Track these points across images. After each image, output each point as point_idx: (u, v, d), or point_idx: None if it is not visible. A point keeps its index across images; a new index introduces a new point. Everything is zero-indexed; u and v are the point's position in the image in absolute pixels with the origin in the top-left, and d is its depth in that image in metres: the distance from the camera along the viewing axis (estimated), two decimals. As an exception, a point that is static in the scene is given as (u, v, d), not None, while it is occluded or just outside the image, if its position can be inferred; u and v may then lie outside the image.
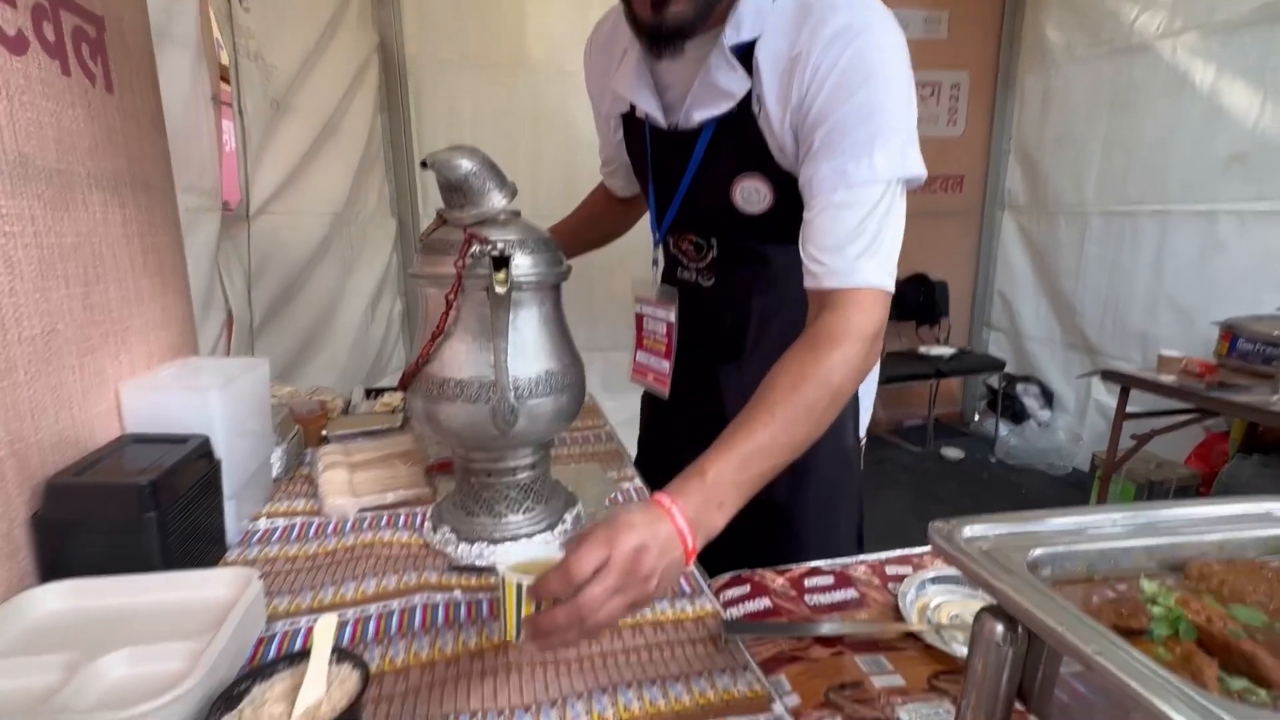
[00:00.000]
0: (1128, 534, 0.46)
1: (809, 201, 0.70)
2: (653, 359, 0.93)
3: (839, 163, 0.66)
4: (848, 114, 0.65)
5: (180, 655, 0.54)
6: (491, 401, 0.75)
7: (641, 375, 0.97)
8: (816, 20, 0.65)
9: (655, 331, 0.92)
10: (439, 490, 0.97)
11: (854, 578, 0.76)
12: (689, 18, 0.67)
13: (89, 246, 0.74)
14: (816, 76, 0.66)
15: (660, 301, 0.91)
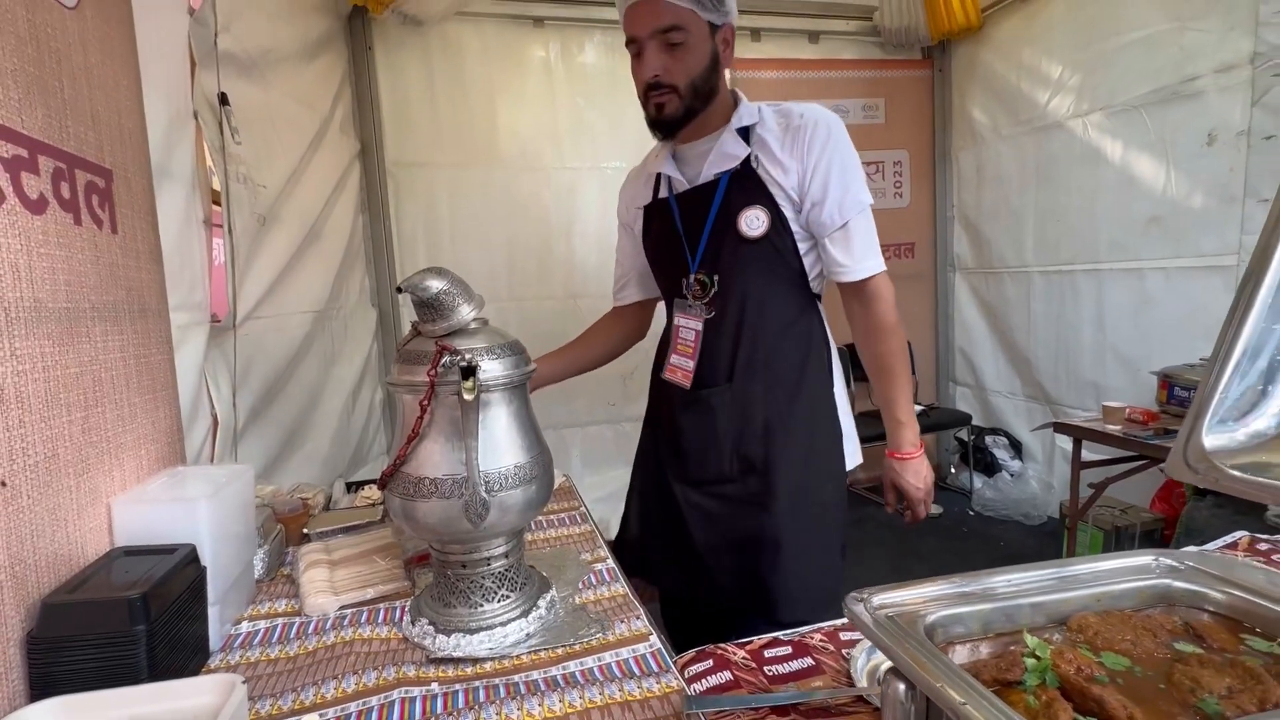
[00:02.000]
0: (1018, 593, 0.53)
1: (820, 228, 1.09)
2: (683, 359, 1.17)
3: (836, 196, 1.07)
4: (829, 169, 1.06)
5: (167, 766, 0.57)
6: (464, 496, 0.81)
7: (672, 374, 1.20)
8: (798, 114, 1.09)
9: (686, 339, 1.17)
10: (418, 583, 1.00)
11: (811, 646, 0.80)
12: (678, 114, 1.09)
13: (90, 374, 0.80)
14: (811, 146, 1.06)
15: (695, 315, 1.16)
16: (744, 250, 1.10)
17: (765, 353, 1.13)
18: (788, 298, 1.14)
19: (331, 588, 0.97)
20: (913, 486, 1.17)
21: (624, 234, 1.33)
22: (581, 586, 1.00)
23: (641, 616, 0.90)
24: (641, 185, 1.25)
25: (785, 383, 1.13)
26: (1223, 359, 0.55)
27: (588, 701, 0.71)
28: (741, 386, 1.13)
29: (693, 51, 1.04)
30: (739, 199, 1.09)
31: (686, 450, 1.18)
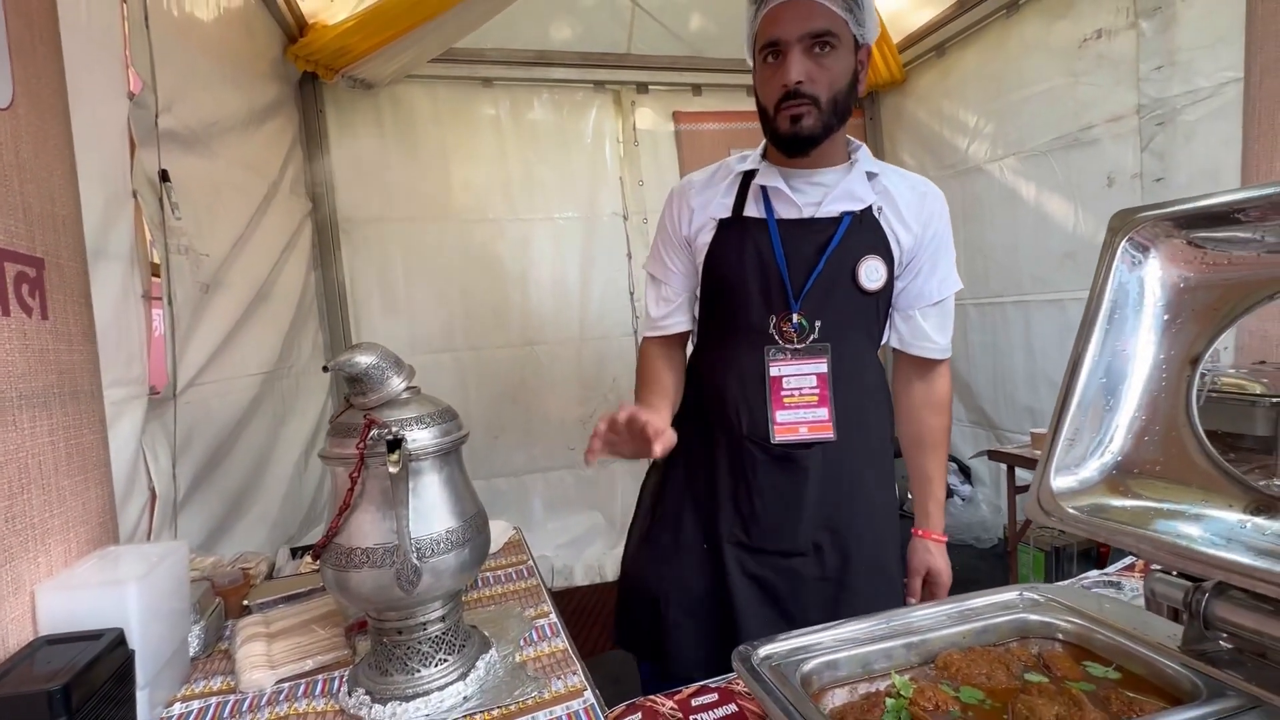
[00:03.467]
0: (890, 635, 0.58)
1: (917, 299, 1.08)
2: (802, 412, 1.02)
3: (943, 272, 1.07)
4: (942, 243, 1.07)
5: None
6: (395, 564, 0.83)
7: (789, 432, 1.03)
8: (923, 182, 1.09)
9: (801, 388, 1.03)
10: (358, 650, 1.01)
11: (736, 692, 0.83)
12: (816, 131, 0.99)
13: (15, 462, 0.81)
14: (934, 216, 1.06)
15: (805, 358, 1.03)
16: (855, 301, 1.02)
17: (861, 414, 1.05)
18: (875, 358, 1.09)
19: (269, 661, 0.97)
20: (948, 569, 1.14)
21: (673, 250, 1.12)
22: (523, 644, 1.01)
23: (578, 672, 0.92)
24: (719, 194, 1.08)
25: (875, 450, 1.07)
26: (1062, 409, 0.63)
27: (517, 763, 0.73)
28: (837, 449, 1.03)
29: (840, 63, 0.96)
30: (859, 245, 1.01)
31: (759, 514, 1.03)
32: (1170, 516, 0.55)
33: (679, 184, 1.14)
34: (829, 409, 1.02)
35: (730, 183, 1.08)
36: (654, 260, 1.15)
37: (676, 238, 1.11)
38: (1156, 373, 0.62)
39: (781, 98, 0.97)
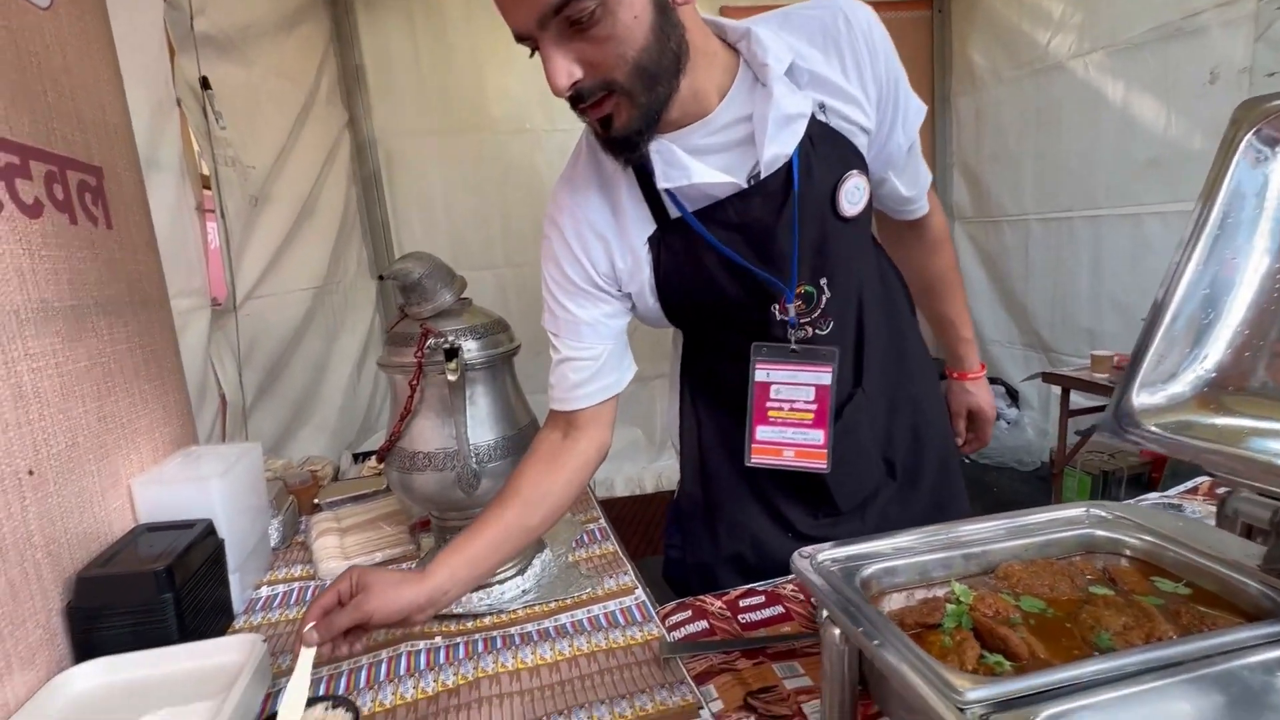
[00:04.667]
0: (955, 544, 0.58)
1: (888, 161, 0.83)
2: (791, 431, 0.82)
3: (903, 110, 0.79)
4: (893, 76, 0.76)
5: (202, 714, 0.64)
6: (456, 469, 0.87)
7: (771, 454, 0.83)
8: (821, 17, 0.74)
9: (794, 400, 0.81)
10: (421, 546, 1.08)
11: (783, 596, 0.87)
12: (634, 126, 0.67)
13: (100, 366, 0.86)
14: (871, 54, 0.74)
15: (805, 364, 0.80)
16: (848, 233, 0.80)
17: (887, 339, 0.91)
18: (877, 262, 0.92)
19: (342, 553, 1.05)
20: (990, 404, 1.09)
21: (584, 298, 0.79)
22: (574, 545, 1.06)
23: (629, 572, 0.96)
24: (622, 202, 0.77)
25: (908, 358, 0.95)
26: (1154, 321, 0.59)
27: (575, 649, 0.78)
28: (875, 386, 0.90)
29: (616, 21, 0.60)
30: (825, 172, 0.75)
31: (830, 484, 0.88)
32: (1267, 435, 0.52)
33: (552, 211, 0.80)
34: (826, 433, 0.81)
35: (624, 180, 0.77)
36: (552, 316, 0.80)
37: (587, 282, 0.79)
38: (1269, 284, 0.57)
39: (571, 103, 0.67)
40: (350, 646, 0.65)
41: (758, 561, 0.94)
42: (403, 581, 0.66)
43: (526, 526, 0.76)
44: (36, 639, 0.70)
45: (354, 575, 0.65)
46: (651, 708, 0.67)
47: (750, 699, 0.68)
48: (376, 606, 0.64)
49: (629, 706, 0.68)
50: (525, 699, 0.71)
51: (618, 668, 0.74)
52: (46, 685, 0.69)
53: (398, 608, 0.65)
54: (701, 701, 0.67)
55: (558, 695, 0.71)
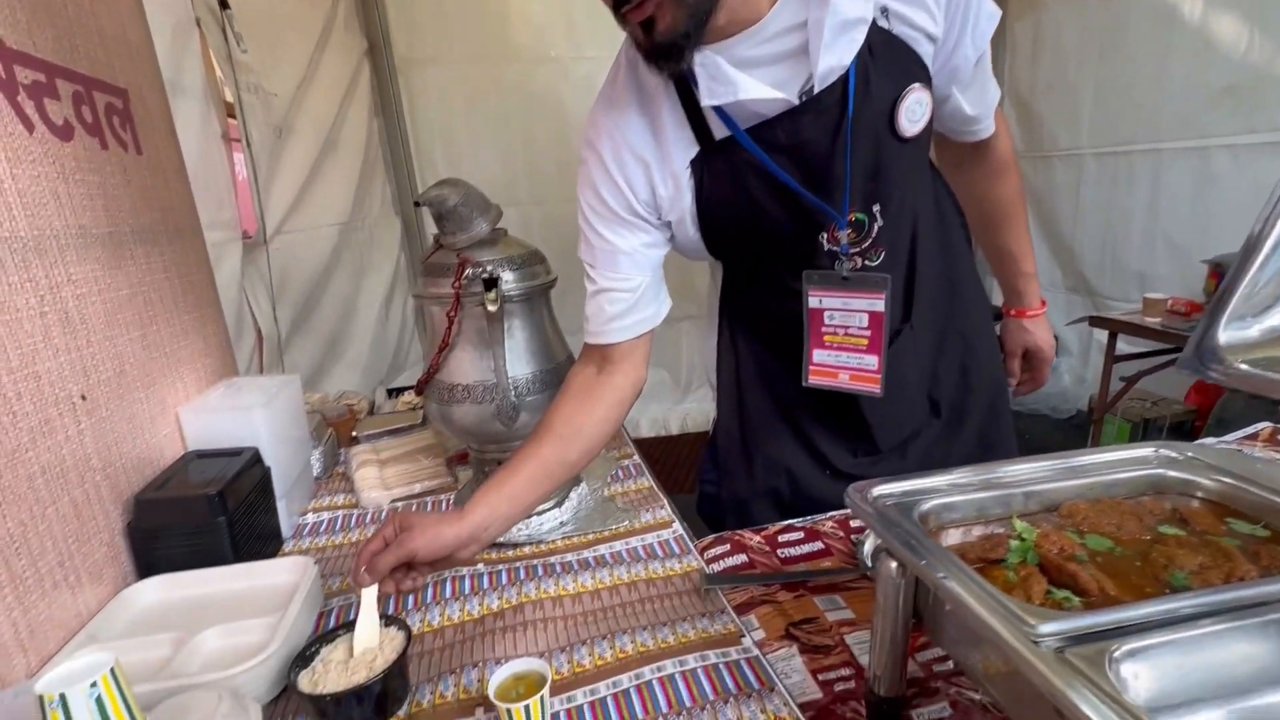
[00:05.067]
0: (1015, 483, 0.56)
1: (955, 75, 0.75)
2: (845, 355, 0.80)
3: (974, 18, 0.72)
4: None
5: (260, 629, 0.67)
6: (495, 401, 0.86)
7: (828, 376, 0.82)
8: None
9: (848, 325, 0.79)
10: (459, 479, 1.09)
11: (822, 532, 0.87)
12: (682, 29, 0.62)
13: (140, 295, 0.86)
14: None
15: (859, 290, 0.77)
16: (905, 156, 0.75)
17: (939, 272, 0.87)
18: (933, 188, 0.87)
19: (383, 483, 1.07)
20: (1049, 344, 1.01)
21: (621, 225, 0.76)
22: (610, 480, 1.07)
23: (665, 507, 0.97)
24: (663, 121, 0.73)
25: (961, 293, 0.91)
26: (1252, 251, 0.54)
27: (615, 579, 0.80)
28: (924, 322, 0.87)
29: None
30: (884, 86, 0.69)
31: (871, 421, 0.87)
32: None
33: (589, 134, 0.76)
34: (880, 359, 0.79)
35: (665, 99, 0.72)
36: (589, 246, 0.77)
37: (626, 210, 0.75)
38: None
39: (613, 5, 0.62)
40: (402, 584, 0.66)
41: (794, 498, 0.94)
42: (442, 520, 0.67)
43: (565, 461, 0.75)
44: (102, 556, 0.73)
45: (397, 519, 0.66)
46: (693, 634, 0.68)
47: (792, 629, 0.69)
48: (419, 544, 0.65)
49: (670, 633, 0.69)
50: (568, 623, 0.72)
51: (657, 597, 0.76)
52: (116, 598, 0.73)
53: (440, 544, 0.66)
54: (743, 630, 0.68)
55: (599, 620, 0.72)
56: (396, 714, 0.61)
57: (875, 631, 0.53)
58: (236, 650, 0.66)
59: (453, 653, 0.69)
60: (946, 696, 0.59)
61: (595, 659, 0.66)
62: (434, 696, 0.63)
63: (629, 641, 0.68)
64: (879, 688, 0.54)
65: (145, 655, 0.65)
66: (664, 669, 0.64)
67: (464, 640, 0.71)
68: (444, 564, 0.68)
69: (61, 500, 0.68)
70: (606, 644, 0.68)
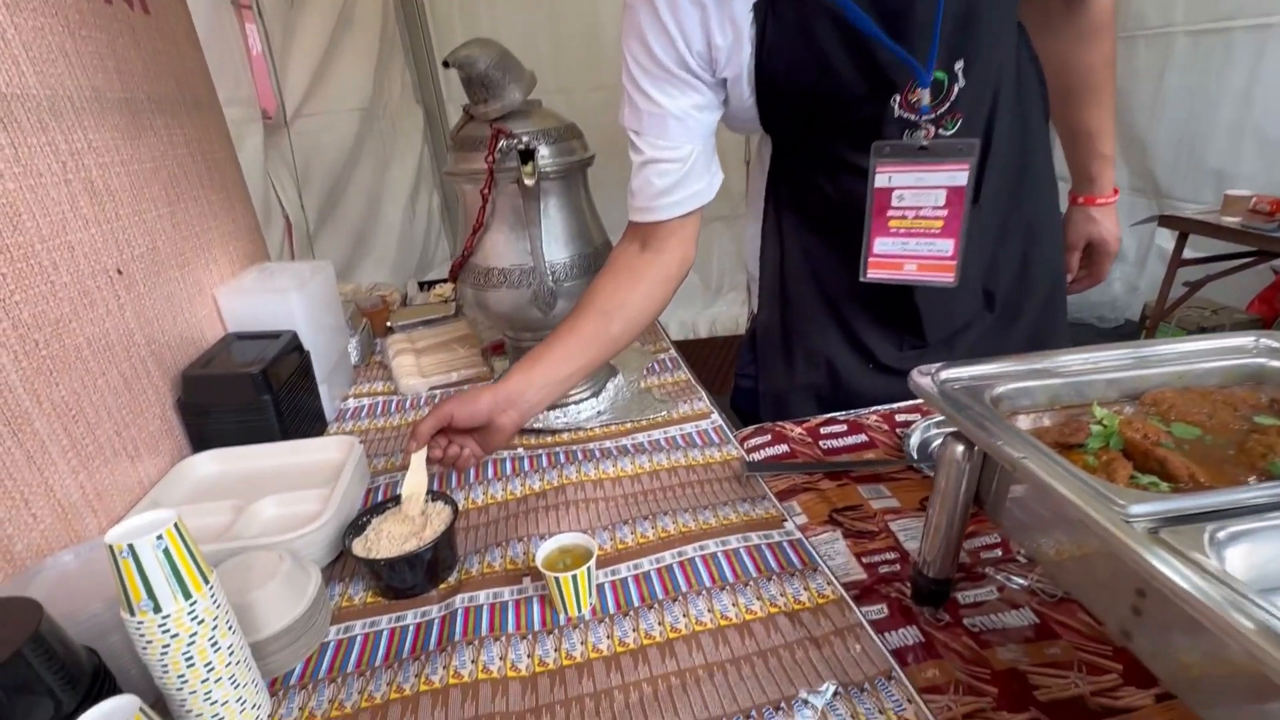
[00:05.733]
0: (1093, 370, 0.52)
1: None
2: (914, 243, 0.73)
3: None
4: None
5: (314, 500, 0.69)
6: (532, 286, 0.83)
7: (891, 268, 0.74)
8: None
9: (919, 207, 0.71)
10: (495, 369, 1.09)
11: (866, 425, 0.85)
12: None
13: (164, 169, 0.83)
14: None
15: (938, 162, 0.68)
16: (998, 6, 0.68)
17: (1014, 148, 0.79)
18: (1017, 51, 0.78)
19: (419, 371, 1.08)
20: (1115, 236, 0.93)
21: (672, 83, 0.69)
22: (645, 373, 1.06)
23: (703, 398, 0.96)
24: None
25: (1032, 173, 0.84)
26: None
27: (655, 464, 0.80)
28: (991, 204, 0.80)
29: None
30: None
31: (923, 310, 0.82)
32: None
33: None
34: (956, 243, 0.71)
35: None
36: (634, 110, 0.70)
37: (678, 64, 0.67)
38: None
39: None
40: (447, 452, 0.68)
41: (834, 392, 0.92)
42: (477, 389, 0.69)
43: (608, 335, 0.72)
44: (157, 429, 0.75)
45: (444, 399, 0.68)
46: (735, 517, 0.69)
47: (835, 515, 0.68)
48: (454, 406, 0.67)
49: (711, 515, 0.69)
50: (609, 504, 0.73)
51: (697, 483, 0.76)
52: (174, 468, 0.75)
53: (475, 407, 0.67)
54: (785, 515, 0.68)
55: (640, 503, 0.73)
56: (446, 580, 0.64)
57: (931, 515, 0.51)
58: (293, 518, 0.68)
59: (498, 528, 0.71)
60: (993, 582, 0.58)
61: (638, 537, 0.67)
62: (482, 566, 0.65)
63: (670, 522, 0.69)
64: (930, 570, 0.53)
65: (207, 520, 0.67)
66: (706, 547, 0.64)
67: (508, 517, 0.72)
68: (487, 438, 0.69)
69: (110, 373, 0.68)
70: (648, 524, 0.69)
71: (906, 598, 0.57)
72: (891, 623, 0.54)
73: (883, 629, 0.54)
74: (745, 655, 0.52)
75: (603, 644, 0.55)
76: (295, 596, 0.55)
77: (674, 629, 0.55)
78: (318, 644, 0.57)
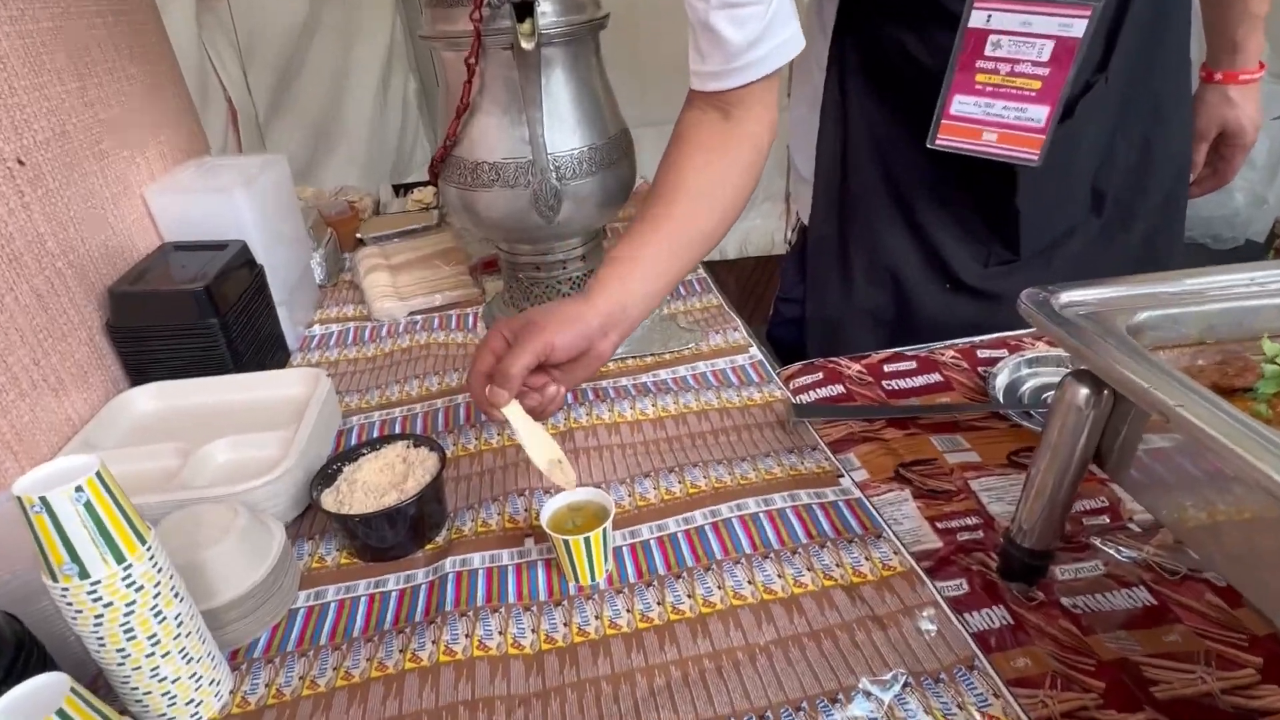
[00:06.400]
0: (1258, 293, 0.47)
1: None
2: (1000, 105, 0.68)
3: None
4: None
5: (274, 443, 0.67)
6: (531, 185, 0.77)
7: (966, 135, 0.70)
8: None
9: (1017, 59, 0.66)
10: (487, 290, 1.05)
11: (940, 362, 0.80)
12: None
13: (69, 33, 0.76)
14: None
15: (1054, 4, 0.63)
16: None
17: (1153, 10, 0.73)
18: None
19: (396, 292, 1.03)
20: (1255, 123, 0.88)
21: None
22: (669, 297, 1.01)
23: (739, 328, 0.91)
24: None
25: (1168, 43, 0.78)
26: None
27: (682, 406, 0.76)
28: (1119, 79, 0.74)
29: None
30: None
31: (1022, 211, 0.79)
32: None
33: None
34: (1051, 111, 0.66)
35: None
36: None
37: None
38: None
39: None
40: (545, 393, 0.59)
41: (901, 318, 0.88)
42: (563, 304, 0.60)
43: (702, 230, 0.66)
44: (84, 357, 0.72)
45: (503, 326, 0.59)
46: (779, 471, 0.65)
47: (903, 470, 0.65)
48: (553, 333, 0.57)
49: (751, 468, 0.66)
50: (626, 453, 0.70)
51: (733, 428, 0.72)
52: (109, 404, 0.73)
53: (579, 329, 0.58)
54: (840, 469, 0.65)
55: (664, 451, 0.70)
56: (434, 539, 0.62)
57: (1035, 474, 0.47)
58: (250, 463, 0.66)
59: (494, 479, 0.68)
60: (1099, 554, 0.55)
61: (662, 493, 0.65)
62: (475, 524, 0.63)
63: (701, 476, 0.66)
64: (1026, 539, 0.50)
65: (148, 465, 0.65)
66: (745, 506, 0.62)
67: (505, 466, 0.70)
68: (576, 370, 0.61)
69: (20, 288, 0.65)
70: (674, 477, 0.66)
71: (991, 571, 0.54)
72: (973, 601, 0.52)
73: (962, 608, 0.51)
74: (794, 636, 0.50)
75: (621, 618, 0.53)
76: (255, 557, 0.53)
77: (707, 603, 0.53)
78: (285, 611, 0.56)
